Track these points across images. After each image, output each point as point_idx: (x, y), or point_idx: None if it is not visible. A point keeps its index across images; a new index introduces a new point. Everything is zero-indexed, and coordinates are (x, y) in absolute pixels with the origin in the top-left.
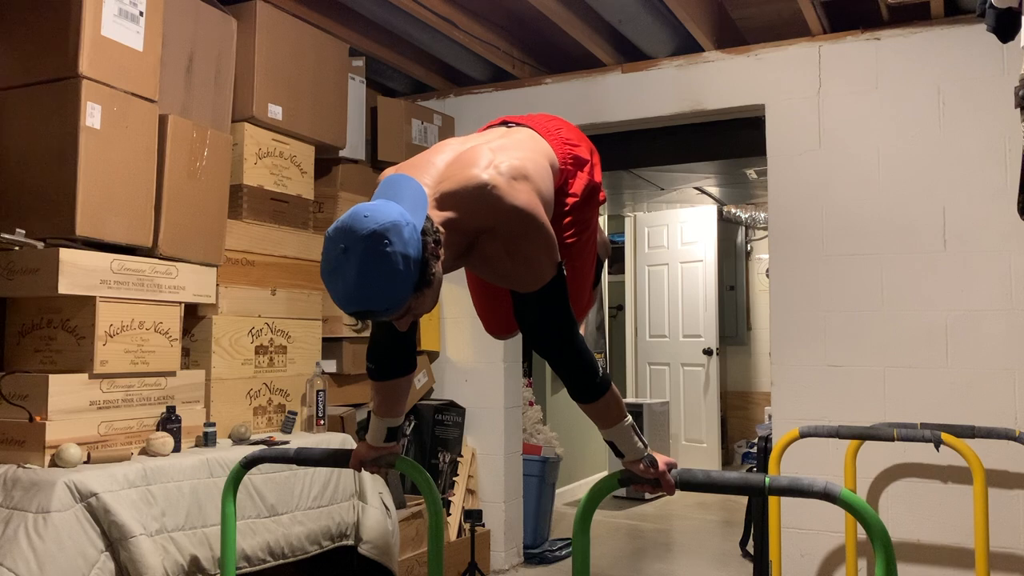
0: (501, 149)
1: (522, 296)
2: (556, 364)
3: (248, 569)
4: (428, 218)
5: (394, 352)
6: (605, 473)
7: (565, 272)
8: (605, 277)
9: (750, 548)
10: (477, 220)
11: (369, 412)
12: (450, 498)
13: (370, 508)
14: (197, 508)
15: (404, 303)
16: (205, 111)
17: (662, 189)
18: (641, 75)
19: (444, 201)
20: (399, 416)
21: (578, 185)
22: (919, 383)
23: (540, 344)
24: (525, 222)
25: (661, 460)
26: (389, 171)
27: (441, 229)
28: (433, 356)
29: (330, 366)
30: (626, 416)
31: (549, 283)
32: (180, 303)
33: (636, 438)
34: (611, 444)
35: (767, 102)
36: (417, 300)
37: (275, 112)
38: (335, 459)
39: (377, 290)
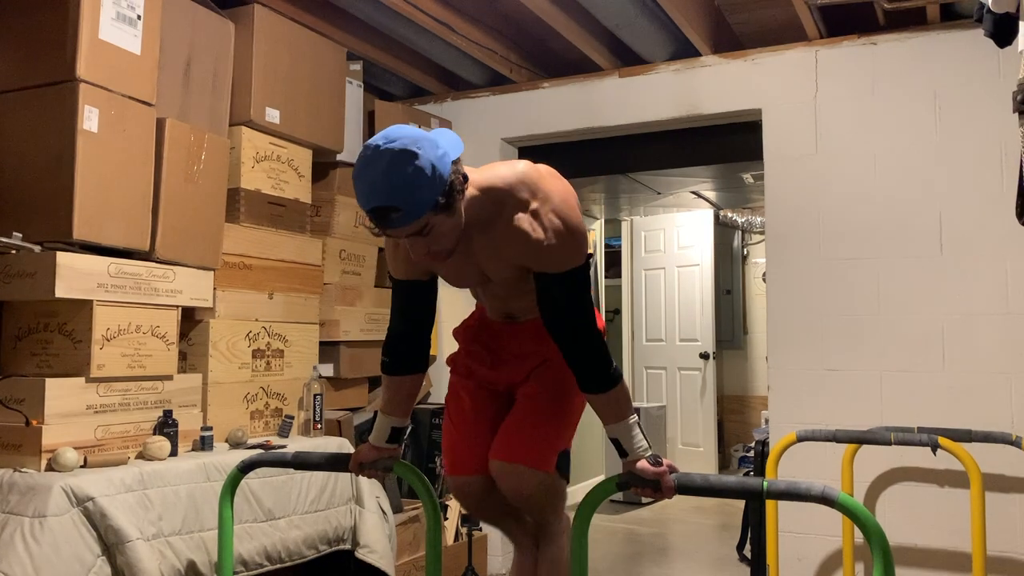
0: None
1: (548, 277)
2: (573, 350)
3: (245, 574)
4: (460, 160)
5: (409, 347)
6: (602, 477)
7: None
8: (601, 280)
9: (747, 552)
10: (513, 195)
11: (374, 412)
12: (447, 502)
13: (367, 512)
14: (194, 512)
15: (423, 211)
16: (203, 115)
17: (659, 193)
18: (638, 79)
19: (485, 174)
20: (405, 417)
21: None
22: (916, 387)
23: (561, 327)
24: (557, 206)
25: (663, 461)
26: None
27: (473, 188)
28: (430, 360)
29: (327, 370)
30: (633, 413)
31: (576, 268)
32: (177, 307)
33: (641, 436)
34: (615, 441)
35: (764, 107)
36: (436, 220)
37: (272, 116)
38: (333, 463)
39: (400, 186)
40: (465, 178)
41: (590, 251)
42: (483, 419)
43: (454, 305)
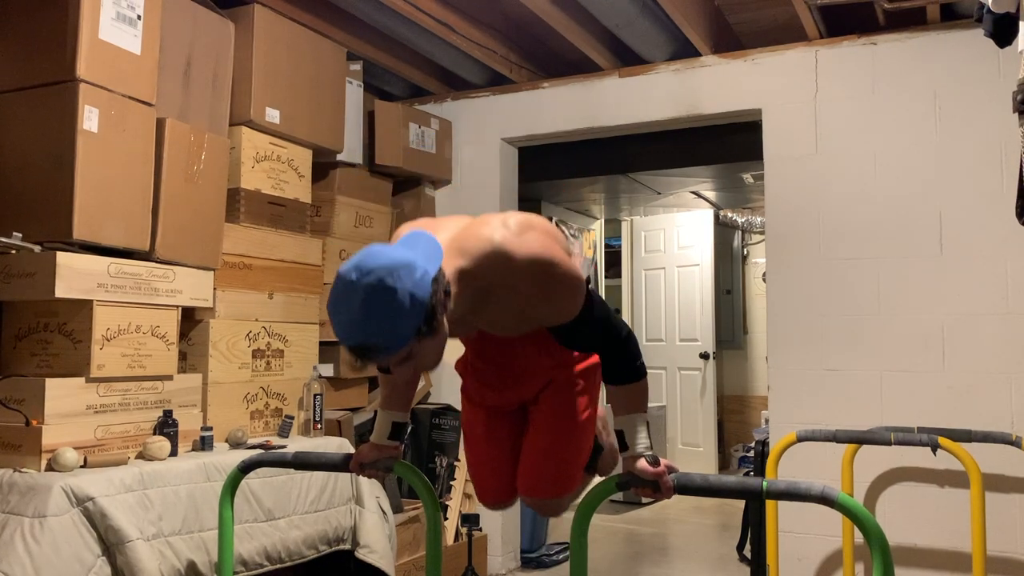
0: (518, 213)
1: (565, 326)
2: (605, 357)
3: (245, 574)
4: (441, 271)
5: None
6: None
7: (587, 308)
8: (601, 280)
9: (747, 552)
10: (493, 276)
11: (374, 412)
12: (447, 502)
13: (367, 512)
14: (194, 512)
15: (405, 344)
16: (203, 115)
17: (659, 193)
18: (638, 79)
19: (458, 255)
20: (405, 411)
21: None
22: (916, 387)
23: (588, 349)
24: (544, 268)
25: (661, 462)
26: (406, 226)
27: (452, 283)
28: None
29: (327, 370)
30: (645, 411)
31: (584, 304)
32: (177, 307)
33: (645, 434)
34: (619, 433)
35: (764, 107)
36: (419, 347)
37: (273, 116)
38: (333, 463)
39: (379, 323)
40: (447, 292)
41: (589, 253)
42: (498, 446)
43: None
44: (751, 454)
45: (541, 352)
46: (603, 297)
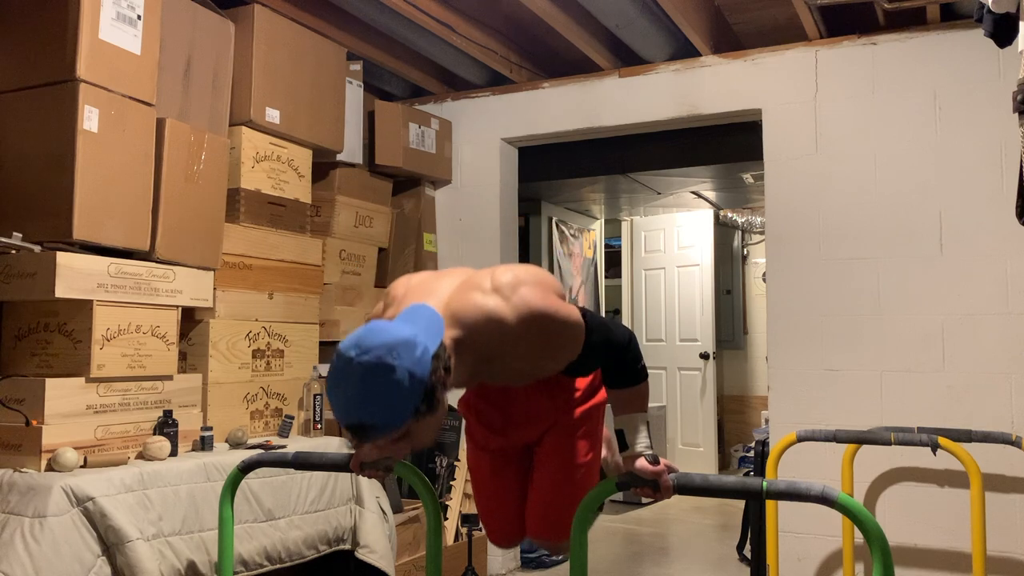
0: (507, 269)
1: (573, 362)
2: (609, 366)
3: (245, 574)
4: (443, 345)
5: None
6: None
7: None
8: (601, 280)
9: (747, 552)
10: (490, 341)
11: None
12: (447, 502)
13: (367, 512)
14: (194, 512)
15: (403, 423)
16: (203, 115)
17: (659, 193)
18: (638, 79)
19: (454, 325)
20: None
21: (581, 380)
22: (916, 387)
23: (595, 367)
24: (540, 323)
25: (661, 461)
26: (401, 282)
27: (450, 355)
28: None
29: (327, 370)
30: (645, 411)
31: (584, 343)
32: (177, 307)
33: (645, 434)
34: (619, 433)
35: (764, 107)
36: (417, 425)
37: (272, 116)
38: (333, 463)
39: (376, 403)
40: (447, 369)
41: (589, 253)
42: (504, 489)
43: None
44: (751, 454)
45: (542, 395)
46: (602, 297)
